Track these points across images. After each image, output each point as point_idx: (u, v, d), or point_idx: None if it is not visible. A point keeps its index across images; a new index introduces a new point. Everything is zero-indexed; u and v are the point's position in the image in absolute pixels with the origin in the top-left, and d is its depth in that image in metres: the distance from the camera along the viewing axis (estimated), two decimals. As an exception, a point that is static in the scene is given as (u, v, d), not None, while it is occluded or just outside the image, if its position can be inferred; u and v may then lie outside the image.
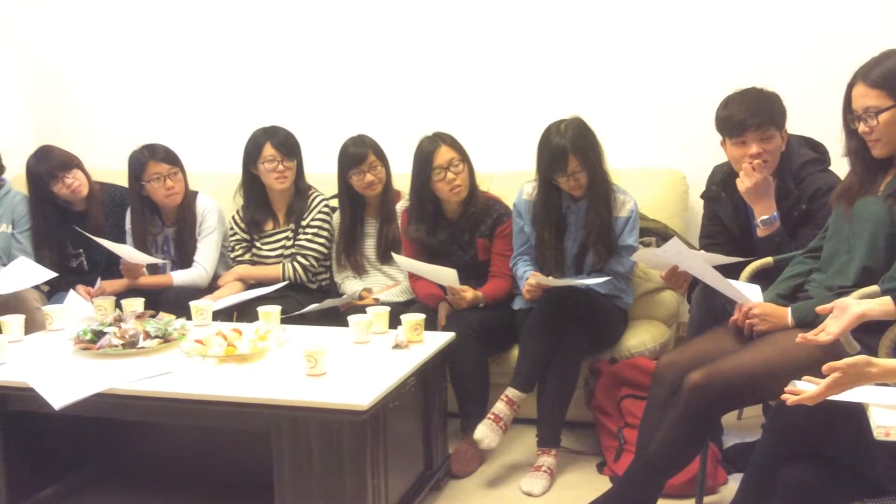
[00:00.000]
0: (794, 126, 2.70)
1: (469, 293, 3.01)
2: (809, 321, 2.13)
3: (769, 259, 2.59)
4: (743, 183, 2.58)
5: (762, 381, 2.09)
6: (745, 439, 2.86)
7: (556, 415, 2.78)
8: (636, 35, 3.66)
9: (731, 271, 2.52)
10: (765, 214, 2.58)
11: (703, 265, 2.37)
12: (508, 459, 2.91)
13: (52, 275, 3.27)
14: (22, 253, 3.46)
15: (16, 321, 2.77)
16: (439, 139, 3.08)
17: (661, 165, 3.58)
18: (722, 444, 2.81)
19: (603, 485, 2.60)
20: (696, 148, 3.00)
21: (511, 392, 2.74)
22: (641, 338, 3.06)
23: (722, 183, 2.79)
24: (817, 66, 3.35)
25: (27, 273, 3.27)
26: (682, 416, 2.11)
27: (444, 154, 3.04)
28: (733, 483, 2.50)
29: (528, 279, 2.90)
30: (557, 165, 2.83)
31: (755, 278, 2.56)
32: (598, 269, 2.93)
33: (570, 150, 2.80)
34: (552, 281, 2.81)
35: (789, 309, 2.23)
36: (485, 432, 2.67)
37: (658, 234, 3.20)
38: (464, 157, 3.08)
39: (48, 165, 3.45)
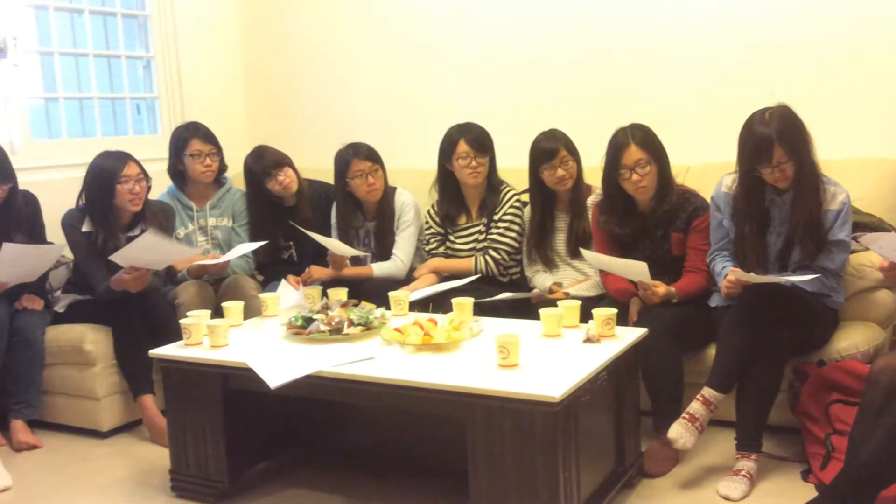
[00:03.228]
0: None
1: (661, 288, 2.93)
2: None
3: None
4: None
5: None
6: (974, 454, 2.60)
7: (758, 418, 2.66)
8: (845, 14, 3.42)
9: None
10: None
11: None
12: (704, 462, 2.82)
13: (262, 244, 3.54)
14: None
15: (236, 307, 3.00)
16: (631, 136, 2.99)
17: (877, 155, 3.32)
18: (946, 457, 2.57)
19: (807, 493, 2.46)
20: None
21: (707, 392, 2.65)
22: (853, 339, 2.86)
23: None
24: None
25: (243, 248, 3.57)
26: (900, 424, 1.97)
27: (632, 154, 2.97)
28: (960, 501, 2.30)
29: (727, 276, 2.79)
30: (762, 156, 2.70)
31: None
32: (805, 265, 2.77)
33: (775, 140, 2.66)
34: (754, 278, 2.68)
35: None
36: (679, 432, 2.60)
37: (873, 228, 2.97)
38: (654, 157, 2.99)
39: (263, 164, 3.73)
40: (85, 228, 3.41)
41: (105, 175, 3.38)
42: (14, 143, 3.89)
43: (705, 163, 3.46)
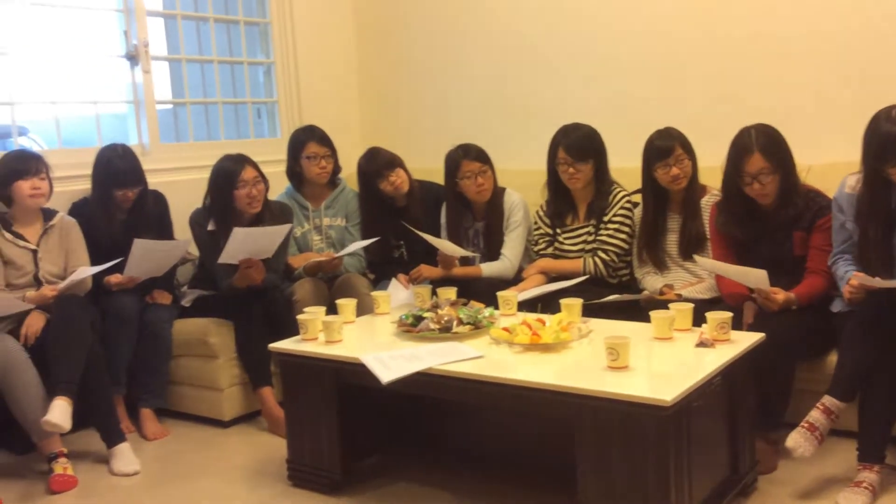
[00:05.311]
0: None
1: (780, 295, 2.83)
2: None
3: None
4: None
5: None
6: None
7: (881, 428, 2.55)
8: None
9: None
10: None
11: None
12: (824, 472, 2.72)
13: (373, 240, 3.65)
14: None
15: (349, 304, 3.08)
16: (755, 142, 2.88)
17: None
18: None
19: (937, 510, 2.35)
20: None
21: (828, 400, 2.55)
22: None
23: None
24: None
25: (356, 245, 3.70)
26: None
27: (755, 162, 2.87)
28: None
29: (850, 280, 2.67)
30: (888, 155, 2.57)
31: None
32: (936, 270, 2.63)
33: (903, 139, 2.54)
34: (879, 282, 2.56)
35: None
36: (798, 441, 2.51)
37: None
38: (778, 165, 2.87)
39: (375, 165, 3.82)
40: (210, 228, 3.58)
41: (224, 179, 3.54)
42: (145, 145, 4.13)
43: (828, 162, 3.32)
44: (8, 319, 3.16)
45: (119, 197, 3.54)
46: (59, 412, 2.90)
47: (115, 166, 3.51)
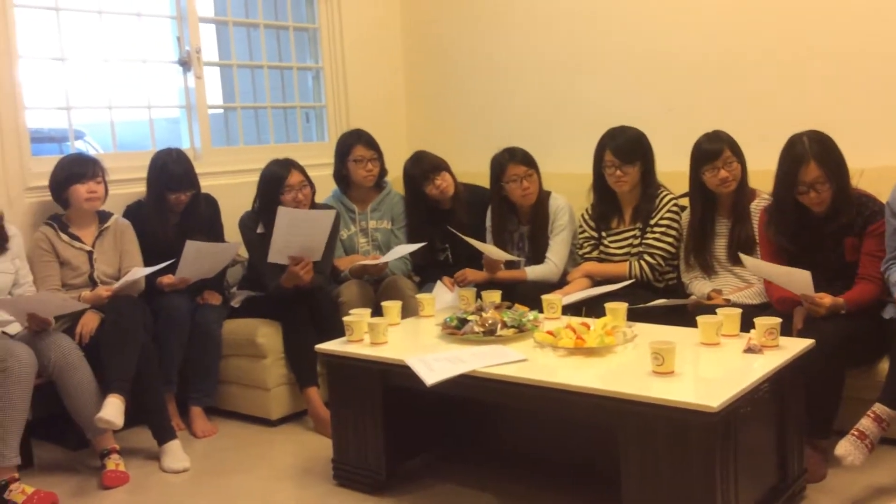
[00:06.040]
0: None
1: (827, 299, 2.78)
2: None
3: None
4: None
5: None
6: None
7: (935, 438, 2.50)
8: None
9: None
10: None
11: None
12: (873, 481, 2.67)
13: (420, 245, 3.66)
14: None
15: (395, 307, 3.11)
16: (809, 150, 2.81)
17: None
18: None
19: None
20: None
21: (879, 408, 2.51)
22: None
23: None
24: None
25: (402, 249, 3.70)
26: None
27: (810, 172, 2.81)
28: None
29: (903, 286, 2.62)
30: (943, 159, 2.52)
31: None
32: None
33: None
34: (933, 288, 2.51)
35: None
36: (848, 449, 2.47)
37: None
38: (832, 174, 2.80)
39: (421, 168, 3.85)
40: (259, 230, 3.64)
41: (271, 183, 3.61)
42: (197, 149, 4.22)
43: (880, 165, 3.25)
44: (64, 318, 3.25)
45: (172, 200, 3.62)
46: (112, 409, 2.98)
47: (170, 170, 3.59)
